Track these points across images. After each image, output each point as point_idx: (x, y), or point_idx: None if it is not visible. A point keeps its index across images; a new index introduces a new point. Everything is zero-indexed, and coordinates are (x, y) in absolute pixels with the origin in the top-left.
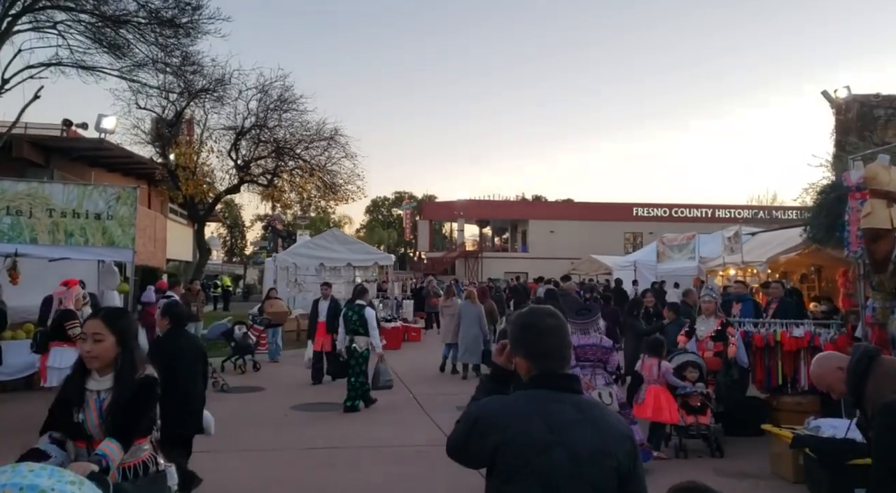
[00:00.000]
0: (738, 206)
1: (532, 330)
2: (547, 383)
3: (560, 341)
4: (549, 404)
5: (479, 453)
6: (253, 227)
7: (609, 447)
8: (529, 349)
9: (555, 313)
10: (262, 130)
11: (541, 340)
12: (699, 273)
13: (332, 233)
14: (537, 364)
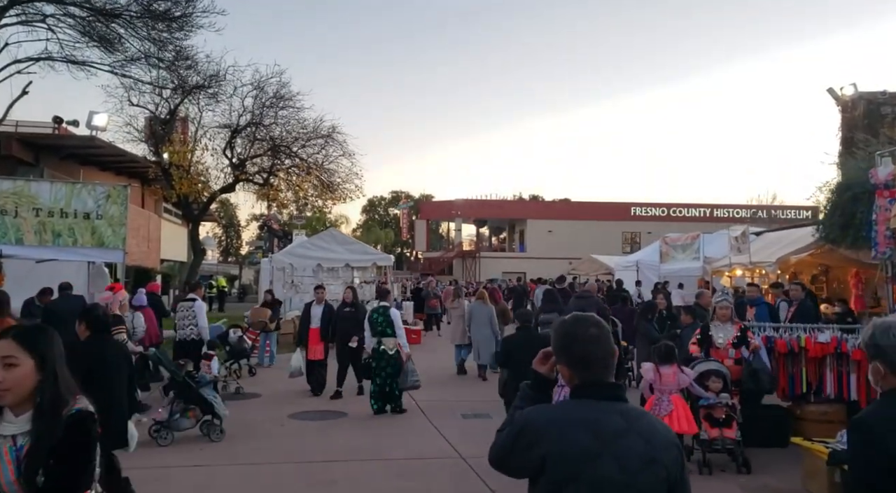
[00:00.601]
0: (737, 205)
1: (575, 339)
2: (592, 393)
3: (604, 351)
4: (595, 413)
5: (526, 463)
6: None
7: (657, 456)
8: (573, 358)
9: (598, 322)
10: (257, 128)
11: (584, 349)
12: (704, 274)
13: (329, 233)
14: (581, 373)
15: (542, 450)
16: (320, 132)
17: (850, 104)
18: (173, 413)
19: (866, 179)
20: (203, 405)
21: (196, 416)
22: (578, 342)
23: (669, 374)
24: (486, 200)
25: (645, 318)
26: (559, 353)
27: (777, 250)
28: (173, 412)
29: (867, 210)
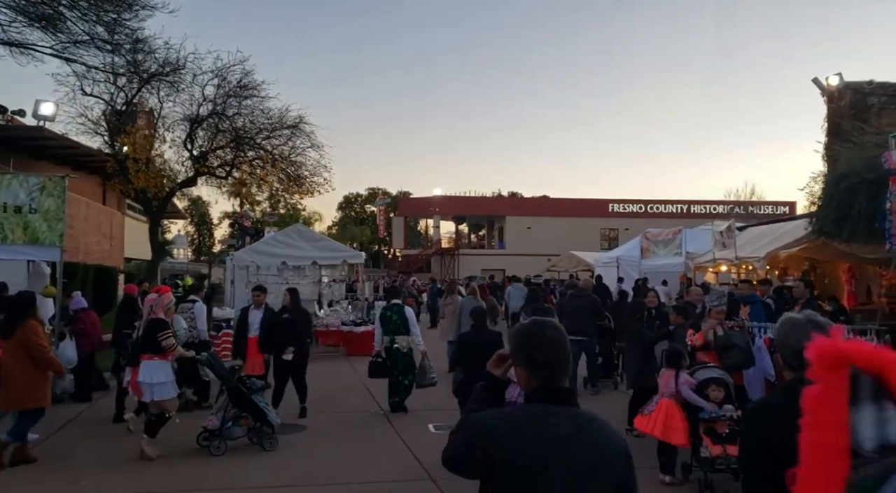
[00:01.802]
0: (714, 201)
1: (535, 342)
2: (546, 397)
3: (562, 355)
4: (547, 418)
5: (478, 466)
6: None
7: (606, 461)
8: (531, 361)
9: (557, 326)
10: (220, 119)
11: (543, 352)
12: (686, 270)
13: (295, 229)
14: (538, 376)
15: (494, 455)
16: (286, 123)
17: (837, 94)
18: (225, 421)
19: (863, 169)
20: (255, 413)
21: (248, 424)
22: (538, 346)
23: (665, 377)
24: (464, 197)
25: (635, 317)
26: (518, 355)
27: (764, 244)
28: (226, 419)
29: (865, 201)
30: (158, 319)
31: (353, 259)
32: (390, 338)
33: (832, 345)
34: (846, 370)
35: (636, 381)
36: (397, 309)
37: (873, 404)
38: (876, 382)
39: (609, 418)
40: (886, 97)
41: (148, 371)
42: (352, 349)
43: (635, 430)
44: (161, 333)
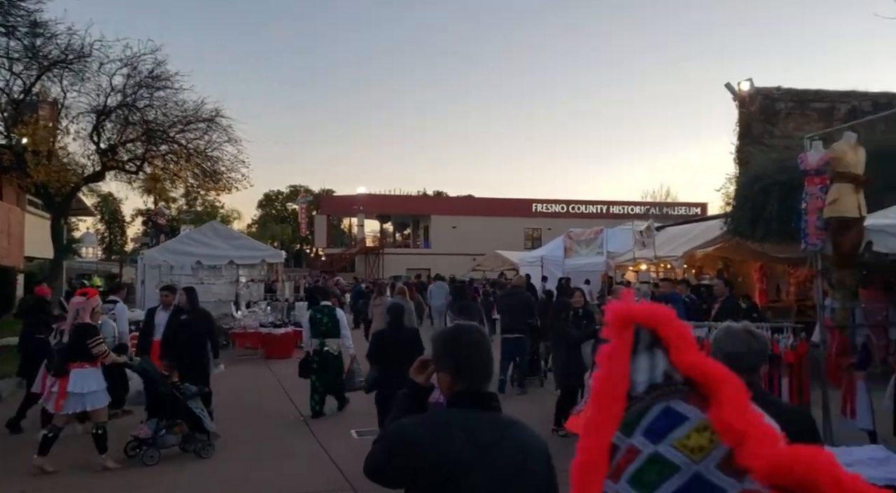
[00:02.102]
0: (632, 202)
1: (456, 345)
2: (468, 402)
3: (485, 359)
4: (470, 423)
5: (400, 474)
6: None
7: (528, 466)
8: (453, 365)
9: (480, 330)
10: (130, 111)
11: (465, 356)
12: (607, 269)
13: (211, 226)
14: (460, 381)
15: (415, 463)
16: (201, 116)
17: (748, 99)
18: (159, 429)
19: (775, 171)
20: (191, 419)
21: (182, 431)
22: (462, 350)
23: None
24: (389, 196)
25: (560, 317)
26: (441, 360)
27: (680, 244)
28: (159, 427)
29: (777, 203)
30: (87, 324)
31: (273, 258)
32: (320, 341)
33: (623, 307)
34: (632, 329)
35: (564, 381)
36: (328, 311)
37: (647, 352)
38: (652, 335)
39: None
40: (793, 103)
41: (79, 380)
42: (271, 352)
43: (563, 430)
44: (91, 339)
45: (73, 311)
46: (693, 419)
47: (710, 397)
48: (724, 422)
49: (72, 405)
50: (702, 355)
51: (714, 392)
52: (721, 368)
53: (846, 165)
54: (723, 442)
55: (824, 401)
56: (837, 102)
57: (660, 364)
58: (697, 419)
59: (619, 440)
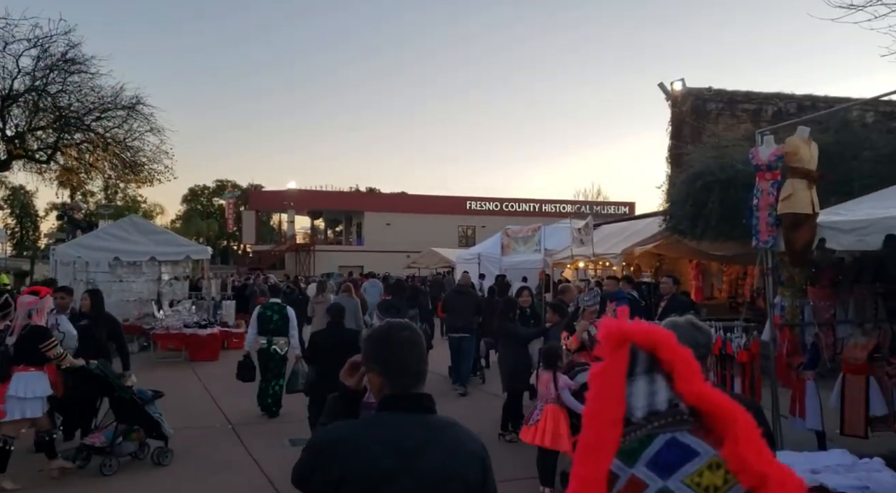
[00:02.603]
0: (564, 201)
1: (387, 344)
2: (399, 404)
3: (419, 358)
4: (398, 428)
5: (325, 484)
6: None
7: (458, 470)
8: (383, 365)
9: (413, 328)
10: (40, 96)
11: (396, 355)
12: (545, 266)
13: (130, 220)
14: (391, 382)
15: (340, 471)
16: (121, 103)
17: (680, 99)
18: (115, 436)
19: (717, 169)
20: (149, 425)
21: (140, 438)
22: (393, 349)
23: (544, 380)
24: (321, 191)
25: (507, 316)
26: (371, 360)
27: (619, 241)
28: (116, 434)
29: (718, 200)
30: (41, 326)
31: (198, 255)
32: (268, 339)
33: (617, 325)
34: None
35: (510, 383)
36: (278, 309)
37: (646, 376)
38: (650, 357)
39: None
40: (723, 103)
41: (23, 384)
42: (195, 355)
43: (508, 434)
44: (45, 342)
45: (25, 311)
46: (703, 455)
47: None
48: (741, 461)
49: (13, 411)
50: (708, 384)
51: (726, 427)
52: (730, 400)
53: (800, 160)
54: (740, 483)
55: (773, 401)
56: (765, 103)
57: (661, 391)
58: (709, 455)
59: (618, 469)
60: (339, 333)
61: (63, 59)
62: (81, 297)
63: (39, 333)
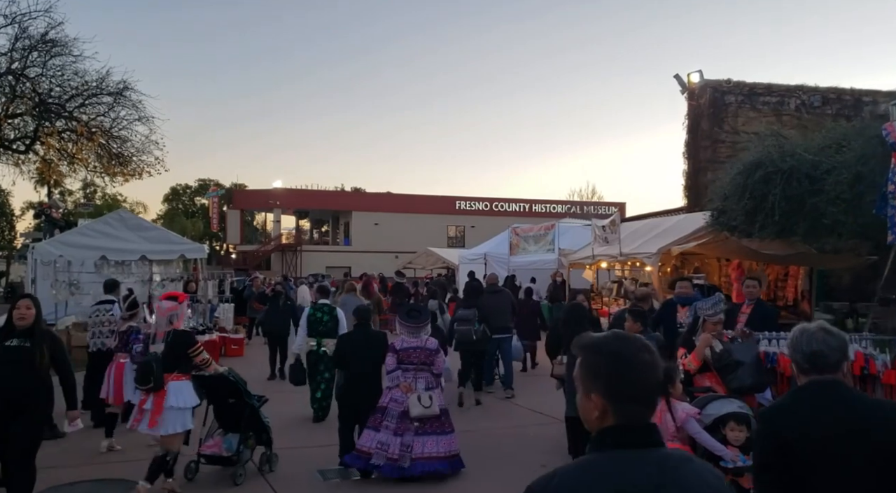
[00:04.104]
0: (555, 201)
1: (622, 364)
2: (629, 440)
3: (655, 384)
4: (629, 471)
5: None
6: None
7: None
8: (615, 388)
9: (649, 347)
10: (18, 80)
11: (632, 378)
12: (560, 267)
13: (118, 215)
14: (620, 409)
15: None
16: (107, 89)
17: (697, 92)
18: (240, 443)
19: (779, 157)
20: (263, 432)
21: (252, 445)
22: (633, 371)
23: (657, 412)
24: (308, 191)
25: (580, 325)
26: (595, 379)
27: (648, 240)
28: (241, 441)
29: (780, 192)
30: (185, 331)
31: (193, 253)
32: (317, 340)
33: None
34: None
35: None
36: (328, 310)
37: None
38: None
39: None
40: (742, 96)
41: (178, 394)
42: None
43: None
44: (192, 348)
45: (166, 317)
46: None
47: None
48: None
49: (171, 423)
50: None
51: None
52: None
53: None
54: None
55: None
56: (787, 96)
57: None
58: None
59: None
60: (368, 334)
61: (43, 40)
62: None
63: (186, 338)
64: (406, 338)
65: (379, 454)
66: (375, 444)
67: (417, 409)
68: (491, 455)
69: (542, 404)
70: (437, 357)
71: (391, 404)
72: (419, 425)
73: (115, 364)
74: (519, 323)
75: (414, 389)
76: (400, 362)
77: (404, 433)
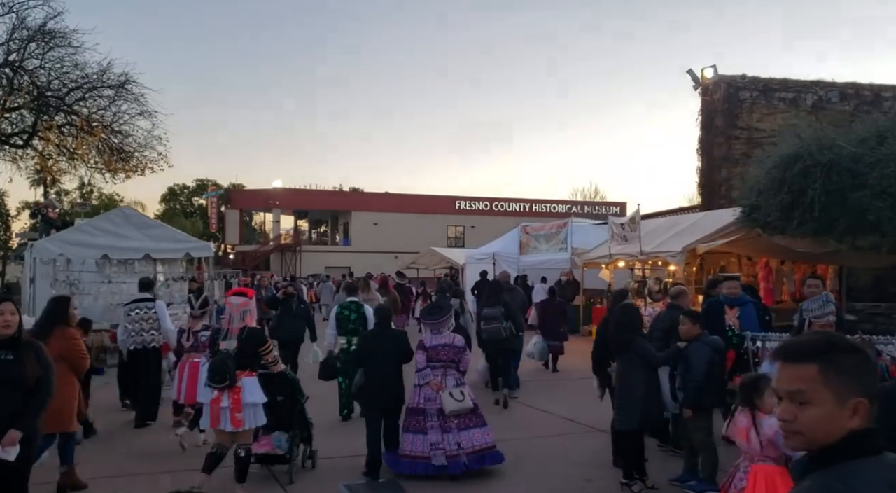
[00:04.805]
0: (555, 201)
1: (874, 366)
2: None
3: None
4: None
5: None
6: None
7: None
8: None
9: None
10: (16, 72)
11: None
12: (573, 266)
13: (121, 212)
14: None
15: None
16: (108, 82)
17: (710, 87)
18: (292, 442)
19: (817, 149)
20: (305, 429)
21: (298, 443)
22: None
23: (741, 427)
24: (307, 191)
25: (633, 328)
26: (862, 382)
27: (669, 238)
28: (292, 440)
29: (820, 187)
30: (259, 329)
31: (199, 251)
32: (347, 339)
33: None
34: None
35: (646, 418)
36: (356, 308)
37: None
38: None
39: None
40: (758, 92)
41: (253, 391)
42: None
43: (636, 485)
44: (264, 346)
45: (239, 313)
46: None
47: None
48: None
49: (250, 419)
50: None
51: None
52: None
53: None
54: None
55: None
56: (804, 91)
57: None
58: None
59: None
60: (387, 333)
61: (42, 31)
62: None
63: (259, 335)
64: (433, 336)
65: (437, 455)
66: (428, 446)
67: (451, 404)
68: (531, 469)
69: (572, 411)
70: (465, 355)
71: (426, 404)
72: (459, 420)
73: (190, 363)
74: (544, 322)
75: (444, 386)
76: (429, 360)
77: (450, 430)
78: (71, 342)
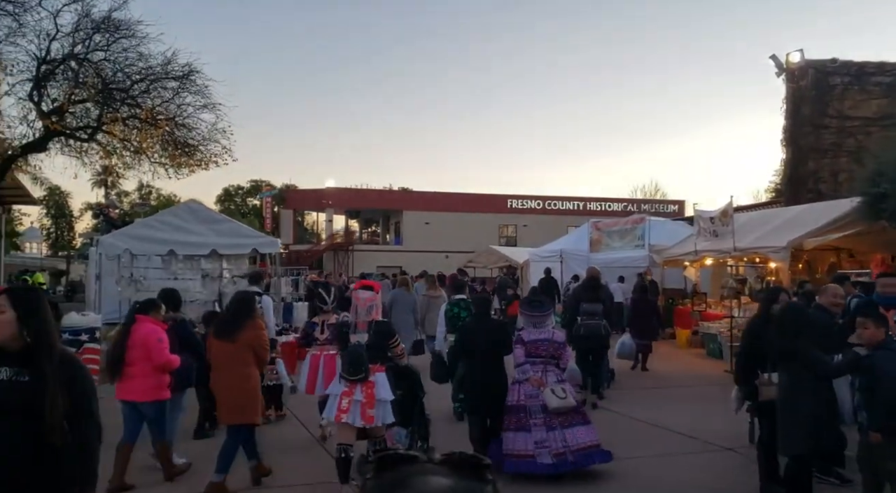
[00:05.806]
0: (610, 199)
1: None
2: None
3: None
4: None
5: None
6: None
7: None
8: None
9: None
10: (81, 64)
11: None
12: (651, 264)
13: (188, 207)
14: None
15: None
16: (172, 73)
17: (797, 73)
18: (413, 438)
19: None
20: (424, 426)
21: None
22: None
23: None
24: (360, 190)
25: (804, 333)
26: None
27: (766, 233)
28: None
29: None
30: (386, 322)
31: (267, 248)
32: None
33: None
34: None
35: (814, 436)
36: (465, 305)
37: None
38: None
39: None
40: (850, 77)
41: (385, 386)
42: None
43: None
44: (392, 339)
45: (366, 307)
46: None
47: None
48: None
49: (380, 416)
50: None
51: None
52: None
53: None
54: None
55: None
56: None
57: None
58: None
59: None
60: (487, 323)
61: (106, 22)
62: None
63: (387, 330)
64: (531, 330)
65: (543, 453)
66: (532, 445)
67: (554, 401)
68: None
69: (680, 423)
70: (566, 351)
71: (528, 401)
72: (562, 418)
73: (325, 356)
74: (634, 320)
75: (546, 382)
76: (528, 355)
77: (555, 427)
78: (261, 332)
